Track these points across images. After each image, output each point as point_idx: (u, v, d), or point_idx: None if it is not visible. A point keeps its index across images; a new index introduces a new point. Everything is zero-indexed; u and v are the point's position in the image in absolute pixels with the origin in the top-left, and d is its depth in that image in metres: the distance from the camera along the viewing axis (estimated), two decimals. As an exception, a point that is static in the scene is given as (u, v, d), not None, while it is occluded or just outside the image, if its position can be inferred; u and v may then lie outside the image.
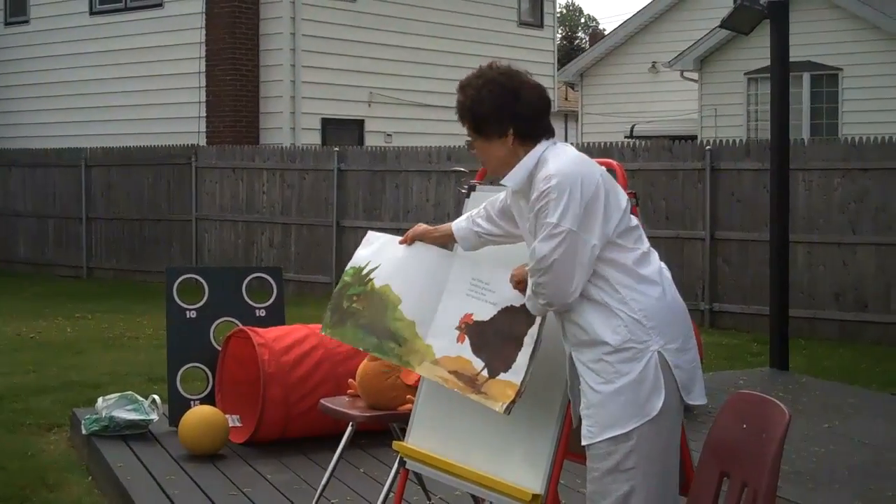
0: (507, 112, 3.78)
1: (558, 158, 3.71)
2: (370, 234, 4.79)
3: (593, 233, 3.61)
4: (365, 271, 4.58)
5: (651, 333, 3.62)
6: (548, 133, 3.85)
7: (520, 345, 3.95)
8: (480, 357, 4.05)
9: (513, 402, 3.89)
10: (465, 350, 4.11)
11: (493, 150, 3.85)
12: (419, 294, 4.35)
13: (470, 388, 4.02)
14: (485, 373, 4.01)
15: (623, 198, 3.77)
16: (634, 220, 3.81)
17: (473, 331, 4.12)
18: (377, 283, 4.49)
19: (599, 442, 3.63)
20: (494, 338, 4.05)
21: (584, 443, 3.69)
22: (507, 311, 4.05)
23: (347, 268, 4.68)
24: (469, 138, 3.94)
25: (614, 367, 3.61)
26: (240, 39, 18.58)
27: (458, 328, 4.16)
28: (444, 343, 4.18)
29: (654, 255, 3.81)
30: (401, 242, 4.54)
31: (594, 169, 3.72)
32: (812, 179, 12.38)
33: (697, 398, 3.71)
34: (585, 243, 3.60)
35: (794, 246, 11.52)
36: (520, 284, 3.97)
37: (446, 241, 4.42)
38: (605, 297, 3.65)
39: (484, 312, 4.12)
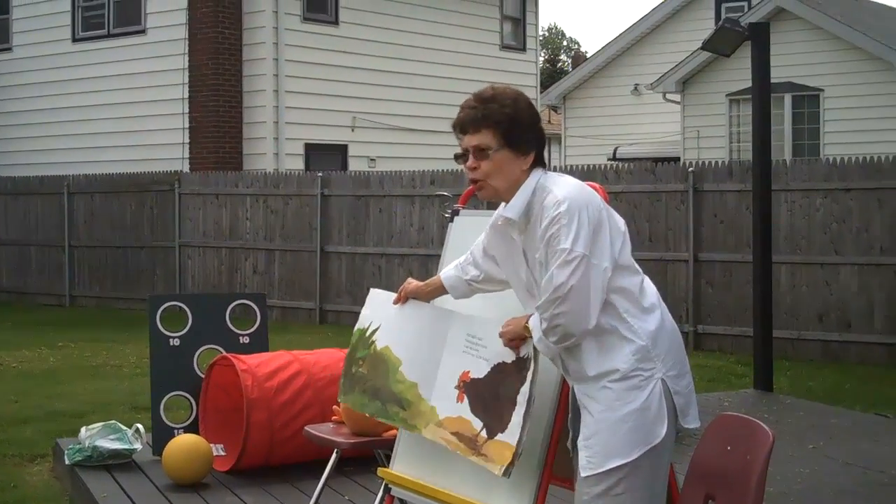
0: (536, 131, 3.79)
1: (562, 185, 3.68)
2: (372, 291, 4.72)
3: (604, 256, 3.59)
4: (368, 332, 4.54)
5: (656, 361, 3.62)
6: (543, 163, 3.85)
7: (514, 403, 3.89)
8: (479, 417, 3.99)
9: (511, 463, 3.84)
10: (464, 410, 4.05)
11: (511, 166, 3.74)
12: (418, 354, 4.29)
13: (471, 450, 3.97)
14: (484, 433, 3.95)
15: (620, 221, 3.75)
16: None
17: (471, 389, 4.06)
18: (379, 346, 4.46)
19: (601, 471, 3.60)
20: (490, 396, 3.99)
21: (584, 474, 3.63)
22: (500, 368, 3.98)
23: (354, 330, 4.64)
24: (492, 149, 3.73)
25: (617, 395, 3.59)
26: (223, 65, 18.61)
27: (457, 387, 4.10)
28: (446, 403, 4.12)
29: (648, 281, 3.79)
30: (395, 302, 4.48)
31: (594, 193, 3.72)
32: (794, 200, 12.43)
33: (692, 422, 3.71)
34: (597, 268, 3.56)
35: (777, 267, 11.55)
36: (512, 342, 3.92)
37: (439, 293, 4.36)
38: (613, 323, 3.63)
39: (479, 369, 4.06)
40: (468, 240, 4.63)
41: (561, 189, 3.64)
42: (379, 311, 4.56)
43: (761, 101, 9.73)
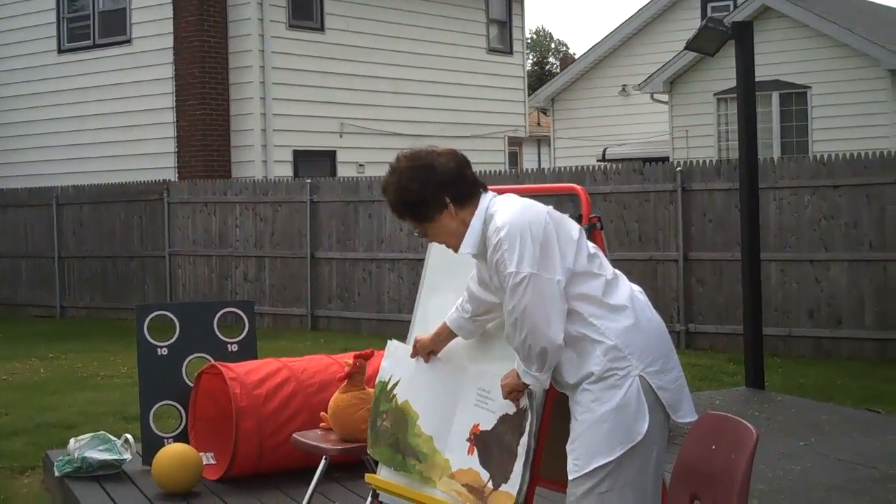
0: (433, 184, 3.83)
1: (502, 210, 3.76)
2: (390, 344, 4.80)
3: (555, 270, 3.65)
4: (389, 386, 4.63)
5: (630, 359, 3.65)
6: (479, 185, 3.90)
7: (514, 454, 3.96)
8: (487, 468, 4.07)
9: None
10: (474, 462, 4.13)
11: (444, 226, 3.88)
12: (434, 408, 4.38)
13: (478, 501, 4.03)
14: (490, 484, 4.02)
15: (573, 228, 3.80)
16: (592, 248, 3.84)
17: (480, 441, 4.14)
18: (400, 400, 4.54)
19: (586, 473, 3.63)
20: (496, 447, 4.06)
21: (571, 477, 3.68)
22: (505, 420, 4.05)
23: (377, 381, 4.74)
24: (417, 231, 3.97)
25: (595, 395, 3.63)
26: (209, 74, 18.60)
27: (469, 439, 4.19)
28: (458, 456, 4.20)
29: (622, 280, 3.83)
30: (412, 356, 4.52)
31: (539, 210, 3.76)
32: (783, 197, 12.44)
33: (687, 416, 3.74)
34: (549, 282, 3.63)
35: (766, 264, 11.57)
36: (511, 394, 3.97)
37: (450, 339, 4.38)
38: (581, 330, 3.68)
39: (487, 422, 4.14)
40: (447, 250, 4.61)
41: (500, 216, 3.74)
42: (399, 364, 4.64)
43: (746, 99, 9.73)
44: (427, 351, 4.44)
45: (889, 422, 8.50)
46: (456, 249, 3.93)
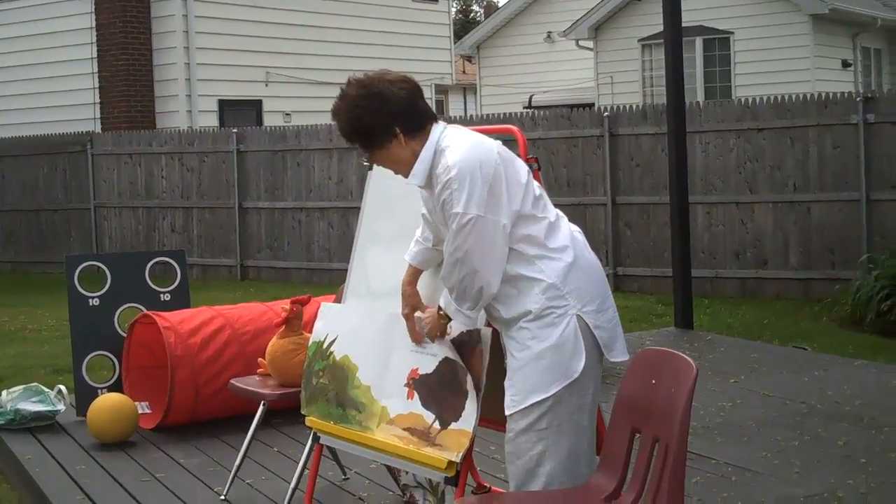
0: (384, 115, 3.76)
1: (455, 147, 3.72)
2: (323, 305, 4.82)
3: (501, 213, 3.65)
4: (325, 345, 4.64)
5: (568, 298, 3.69)
6: (430, 117, 3.85)
7: (465, 392, 3.97)
8: (430, 409, 4.10)
9: (468, 449, 3.94)
10: (415, 405, 4.16)
11: (392, 154, 3.83)
12: (372, 358, 4.40)
13: (424, 442, 4.06)
14: (436, 424, 4.05)
15: (522, 170, 3.80)
16: (538, 189, 3.84)
17: (420, 385, 4.16)
18: (338, 356, 4.56)
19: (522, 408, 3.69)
20: (441, 389, 4.08)
21: (508, 412, 3.73)
22: (447, 362, 4.06)
23: (310, 343, 4.75)
24: (366, 156, 3.94)
25: (532, 333, 3.68)
26: (131, 23, 18.28)
27: (407, 384, 4.21)
28: (396, 402, 4.23)
29: (563, 221, 3.85)
30: (406, 312, 4.15)
31: (491, 148, 3.74)
32: (709, 141, 12.56)
33: (619, 355, 3.81)
34: (495, 224, 3.64)
35: (693, 207, 11.68)
36: (433, 333, 3.97)
37: (418, 276, 4.15)
38: (521, 269, 3.71)
39: (427, 365, 4.15)
40: (387, 188, 4.62)
41: (451, 153, 3.69)
42: (335, 322, 4.67)
43: (673, 44, 9.77)
44: (417, 297, 4.15)
45: (817, 358, 8.68)
46: (406, 176, 3.88)
